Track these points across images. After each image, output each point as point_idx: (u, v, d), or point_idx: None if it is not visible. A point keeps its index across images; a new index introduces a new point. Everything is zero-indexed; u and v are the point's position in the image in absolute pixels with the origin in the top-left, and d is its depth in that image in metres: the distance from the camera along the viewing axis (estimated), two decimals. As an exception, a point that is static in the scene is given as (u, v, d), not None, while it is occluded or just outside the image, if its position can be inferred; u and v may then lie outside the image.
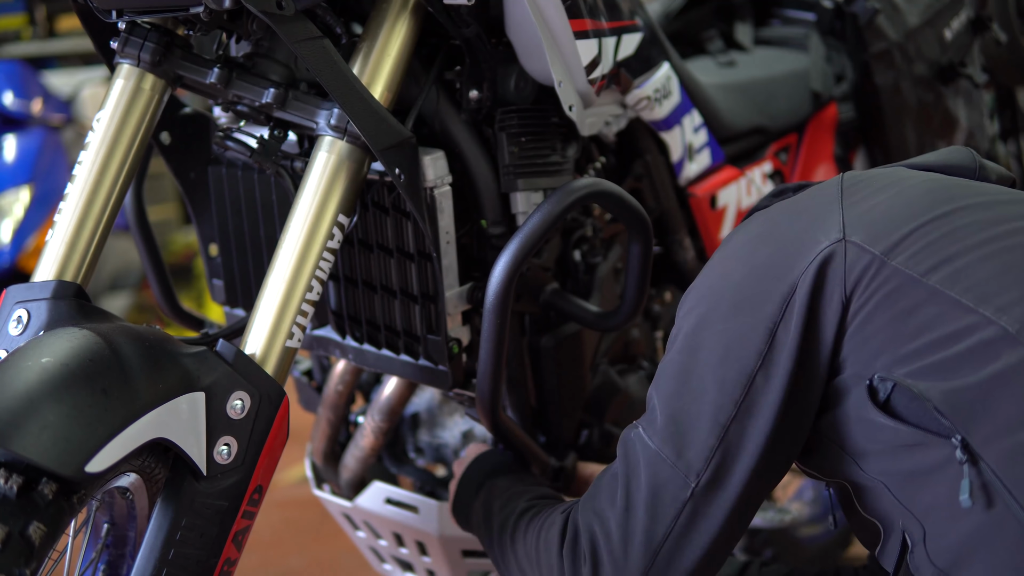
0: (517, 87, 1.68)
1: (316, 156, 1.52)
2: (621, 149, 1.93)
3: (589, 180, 1.62)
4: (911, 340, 1.22)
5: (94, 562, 1.45)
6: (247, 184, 1.81)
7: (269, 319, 1.46)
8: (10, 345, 1.45)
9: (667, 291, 2.04)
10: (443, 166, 1.63)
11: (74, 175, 1.57)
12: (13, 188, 4.26)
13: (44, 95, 4.59)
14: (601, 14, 1.72)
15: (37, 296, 1.48)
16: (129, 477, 1.36)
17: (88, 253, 1.55)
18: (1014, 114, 2.86)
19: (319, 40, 1.47)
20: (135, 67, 1.58)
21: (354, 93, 1.48)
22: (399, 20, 1.58)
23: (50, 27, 5.78)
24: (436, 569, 1.95)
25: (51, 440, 1.22)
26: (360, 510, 1.96)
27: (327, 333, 1.82)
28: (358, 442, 1.94)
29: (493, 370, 1.60)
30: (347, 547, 2.54)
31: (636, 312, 1.70)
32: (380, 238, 1.69)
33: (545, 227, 1.56)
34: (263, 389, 1.41)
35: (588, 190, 1.60)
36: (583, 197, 1.59)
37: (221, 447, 1.37)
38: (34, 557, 1.19)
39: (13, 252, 4.15)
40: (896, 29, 2.33)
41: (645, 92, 1.85)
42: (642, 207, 1.67)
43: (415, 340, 1.70)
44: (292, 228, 1.50)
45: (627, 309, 1.70)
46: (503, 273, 1.56)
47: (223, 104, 1.65)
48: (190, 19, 1.53)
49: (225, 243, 1.88)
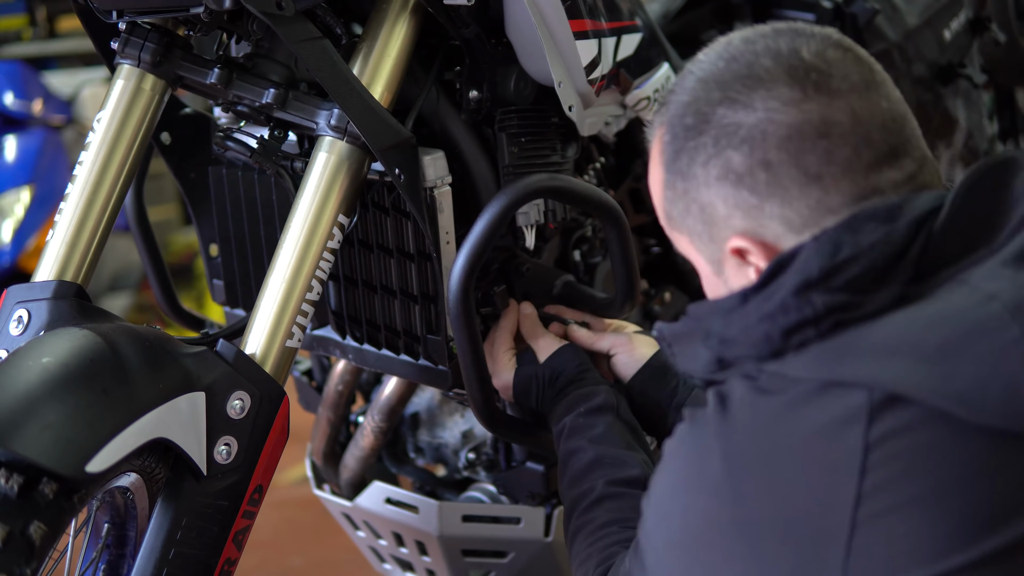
0: (517, 87, 1.68)
1: (316, 156, 1.52)
2: (621, 149, 1.93)
3: (536, 176, 1.59)
4: None
5: (94, 562, 1.45)
6: (247, 184, 1.82)
7: (269, 319, 1.46)
8: (11, 345, 1.45)
9: (666, 291, 2.04)
10: (443, 166, 1.63)
11: (75, 175, 1.57)
12: (14, 188, 4.26)
13: (45, 95, 4.59)
14: (601, 14, 1.72)
15: (38, 296, 1.48)
16: (129, 477, 1.36)
17: (88, 253, 1.55)
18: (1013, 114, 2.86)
19: (319, 40, 1.47)
20: (135, 67, 1.58)
21: (354, 93, 1.48)
22: (399, 20, 1.58)
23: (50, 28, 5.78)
24: (436, 569, 1.95)
25: (52, 440, 1.22)
26: (360, 510, 1.96)
27: (327, 333, 1.82)
28: (358, 442, 1.94)
29: (477, 374, 1.58)
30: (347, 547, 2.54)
31: (633, 295, 1.68)
32: (380, 238, 1.69)
33: (492, 229, 1.54)
34: (263, 389, 1.41)
35: (534, 187, 1.57)
36: (528, 194, 1.57)
37: (221, 447, 1.37)
38: (35, 557, 1.20)
39: (13, 252, 4.15)
40: (895, 30, 2.33)
41: (645, 92, 1.85)
42: (602, 191, 1.65)
43: (415, 340, 1.70)
44: (292, 228, 1.50)
45: (622, 294, 1.68)
46: (459, 279, 1.53)
47: (223, 104, 1.65)
48: (190, 20, 1.54)
49: (225, 243, 1.89)
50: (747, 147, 1.11)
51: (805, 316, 1.06)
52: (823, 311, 1.06)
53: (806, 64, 1.12)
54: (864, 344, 1.04)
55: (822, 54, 1.14)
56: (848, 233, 1.08)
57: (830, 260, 1.07)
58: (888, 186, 1.11)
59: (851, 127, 1.10)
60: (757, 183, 1.11)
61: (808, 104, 1.10)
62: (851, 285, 1.06)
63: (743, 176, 1.11)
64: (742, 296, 1.11)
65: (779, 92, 1.11)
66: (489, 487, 1.90)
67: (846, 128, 1.10)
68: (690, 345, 1.18)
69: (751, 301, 1.10)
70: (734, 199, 1.13)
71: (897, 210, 1.08)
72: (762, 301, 1.09)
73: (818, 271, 1.07)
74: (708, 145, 1.14)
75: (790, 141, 1.10)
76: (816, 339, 1.06)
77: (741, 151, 1.11)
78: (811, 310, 1.06)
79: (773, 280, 1.09)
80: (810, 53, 1.13)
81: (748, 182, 1.11)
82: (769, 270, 1.10)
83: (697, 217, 1.17)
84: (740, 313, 1.11)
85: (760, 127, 1.11)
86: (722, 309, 1.13)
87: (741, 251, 1.14)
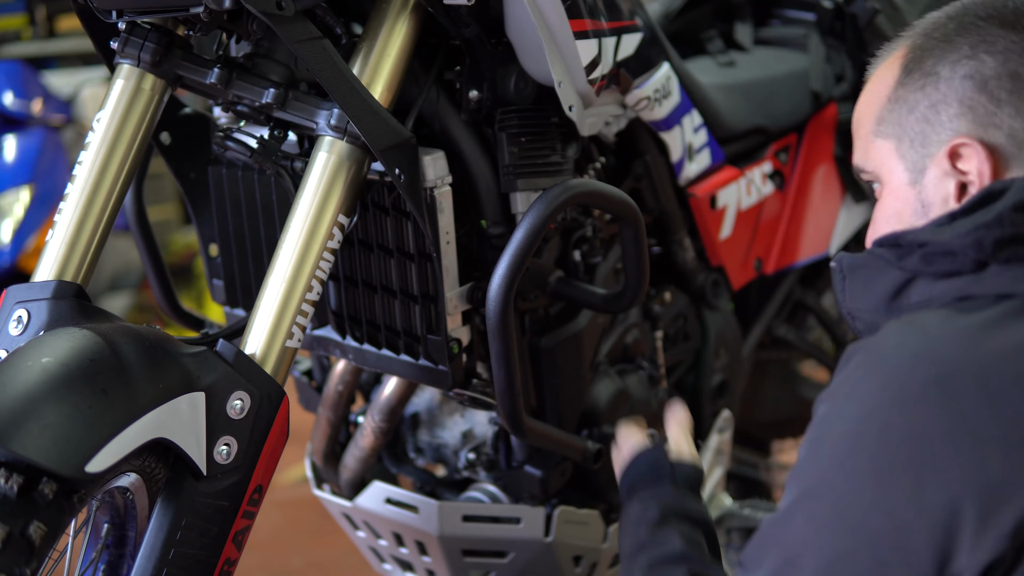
0: (517, 87, 1.68)
1: (316, 156, 1.52)
2: (621, 149, 1.93)
3: (567, 183, 1.61)
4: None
5: (94, 562, 1.45)
6: (247, 184, 1.82)
7: (269, 319, 1.46)
8: (10, 345, 1.45)
9: (667, 291, 2.04)
10: (443, 166, 1.63)
11: (74, 175, 1.57)
12: (13, 188, 4.26)
13: (44, 95, 4.58)
14: (601, 14, 1.72)
15: (37, 296, 1.48)
16: (129, 477, 1.36)
17: (88, 253, 1.55)
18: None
19: (319, 40, 1.47)
20: (135, 67, 1.58)
21: (354, 93, 1.48)
22: (399, 20, 1.58)
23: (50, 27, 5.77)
24: (436, 569, 1.95)
25: (51, 440, 1.22)
26: (360, 510, 1.96)
27: (327, 333, 1.82)
28: (358, 442, 1.94)
29: (508, 382, 1.61)
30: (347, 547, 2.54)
31: (641, 293, 1.70)
32: (380, 238, 1.69)
33: (532, 239, 1.56)
34: (263, 389, 1.41)
35: (570, 194, 1.59)
36: (565, 202, 1.59)
37: (221, 447, 1.37)
38: (34, 557, 1.20)
39: (13, 252, 4.15)
40: (896, 29, 2.32)
41: (645, 92, 1.85)
42: (623, 192, 1.67)
43: (415, 340, 1.70)
44: (292, 228, 1.50)
45: (632, 290, 1.70)
46: (500, 291, 1.56)
47: (223, 104, 1.65)
48: (190, 19, 1.53)
49: (225, 243, 1.89)
50: (1003, 56, 1.19)
51: (1020, 231, 1.12)
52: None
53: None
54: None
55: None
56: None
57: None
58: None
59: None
60: (1001, 89, 1.18)
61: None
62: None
63: (989, 80, 1.19)
64: (949, 216, 1.17)
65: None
66: (489, 487, 1.90)
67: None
68: (870, 274, 1.21)
69: (959, 220, 1.15)
70: (973, 100, 1.19)
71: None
72: (977, 216, 1.14)
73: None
74: (964, 47, 1.21)
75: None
76: (1022, 258, 1.12)
77: (996, 58, 1.19)
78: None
79: (984, 205, 1.15)
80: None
81: (992, 86, 1.19)
82: (979, 197, 1.15)
83: (921, 116, 1.22)
84: (950, 227, 1.15)
85: (1020, 45, 1.19)
86: (926, 229, 1.17)
87: (958, 152, 1.19)
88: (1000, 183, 1.16)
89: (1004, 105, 1.18)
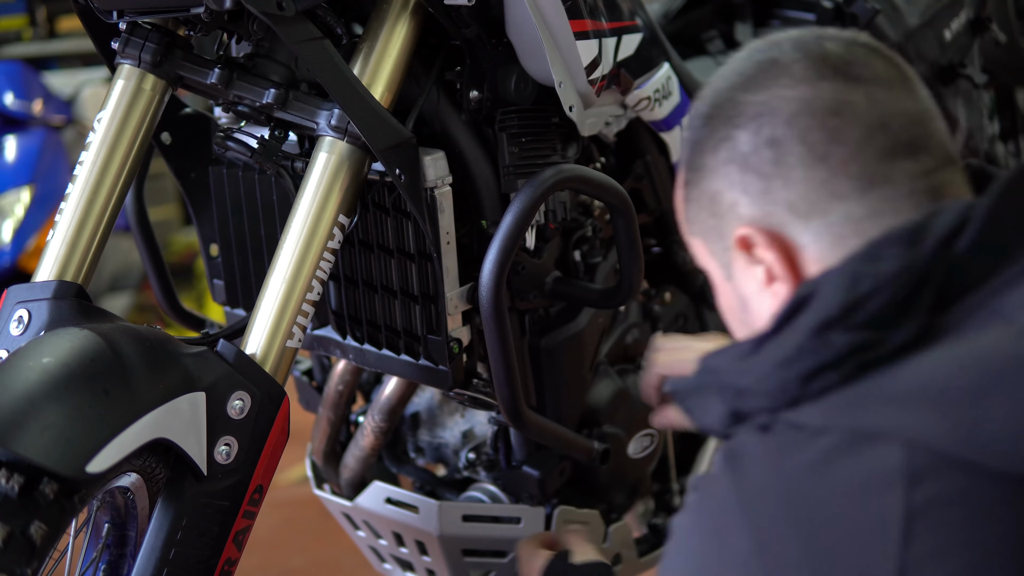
0: (517, 88, 1.68)
1: (316, 156, 1.52)
2: (621, 149, 1.93)
3: (554, 168, 1.61)
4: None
5: (95, 562, 1.46)
6: (248, 184, 1.82)
7: (269, 319, 1.46)
8: (11, 345, 1.45)
9: (667, 291, 2.04)
10: (443, 166, 1.63)
11: (75, 175, 1.57)
12: (14, 188, 4.26)
13: (45, 96, 4.59)
14: (601, 14, 1.72)
15: (38, 296, 1.48)
16: (130, 477, 1.36)
17: (89, 253, 1.55)
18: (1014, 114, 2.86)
19: (319, 41, 1.47)
20: (136, 68, 1.58)
21: (354, 94, 1.48)
22: (399, 21, 1.58)
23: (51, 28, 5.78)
24: (436, 569, 1.95)
25: (52, 440, 1.22)
26: (360, 510, 1.96)
27: (327, 333, 1.82)
28: (358, 442, 1.94)
29: (507, 373, 1.61)
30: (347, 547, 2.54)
31: (636, 286, 1.70)
32: (380, 238, 1.69)
33: (520, 224, 1.57)
34: (263, 389, 1.41)
35: (557, 178, 1.60)
36: (552, 186, 1.60)
37: (221, 447, 1.38)
38: (35, 557, 1.20)
39: (14, 252, 4.15)
40: (896, 30, 2.33)
41: (645, 92, 1.85)
42: (613, 179, 1.68)
43: (416, 340, 1.70)
44: (292, 228, 1.50)
45: (627, 284, 1.70)
46: (491, 277, 1.57)
47: (224, 104, 1.65)
48: (191, 20, 1.54)
49: (226, 243, 1.89)
50: (754, 124, 1.05)
51: (825, 359, 0.97)
52: (845, 352, 0.96)
53: (828, 52, 1.07)
54: (891, 389, 0.95)
55: (849, 47, 1.08)
56: (868, 263, 0.99)
57: (850, 294, 0.97)
58: (902, 177, 1.03)
59: (867, 109, 1.04)
60: (763, 162, 1.05)
61: (823, 83, 1.05)
62: (874, 321, 0.97)
63: (749, 156, 1.05)
64: (756, 342, 1.03)
65: (794, 70, 1.06)
66: (489, 487, 1.90)
67: (861, 109, 1.04)
68: (704, 399, 1.09)
69: (765, 347, 1.01)
70: (740, 183, 1.07)
71: (920, 232, 0.99)
72: (777, 346, 1.00)
73: (838, 308, 0.97)
74: (719, 128, 1.08)
75: (798, 116, 1.04)
76: (837, 385, 0.97)
77: (748, 129, 1.06)
78: (831, 352, 0.97)
79: (788, 323, 1.00)
80: (836, 45, 1.08)
81: (754, 162, 1.05)
82: (784, 313, 1.01)
83: (708, 211, 1.11)
84: (754, 360, 1.02)
85: (770, 103, 1.05)
86: (734, 357, 1.04)
87: (747, 242, 1.07)
88: (807, 287, 1.01)
89: (772, 179, 1.04)
